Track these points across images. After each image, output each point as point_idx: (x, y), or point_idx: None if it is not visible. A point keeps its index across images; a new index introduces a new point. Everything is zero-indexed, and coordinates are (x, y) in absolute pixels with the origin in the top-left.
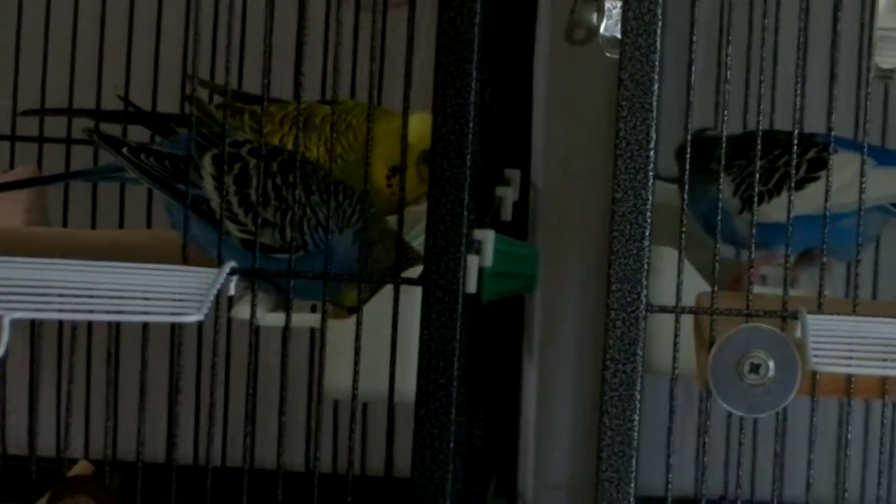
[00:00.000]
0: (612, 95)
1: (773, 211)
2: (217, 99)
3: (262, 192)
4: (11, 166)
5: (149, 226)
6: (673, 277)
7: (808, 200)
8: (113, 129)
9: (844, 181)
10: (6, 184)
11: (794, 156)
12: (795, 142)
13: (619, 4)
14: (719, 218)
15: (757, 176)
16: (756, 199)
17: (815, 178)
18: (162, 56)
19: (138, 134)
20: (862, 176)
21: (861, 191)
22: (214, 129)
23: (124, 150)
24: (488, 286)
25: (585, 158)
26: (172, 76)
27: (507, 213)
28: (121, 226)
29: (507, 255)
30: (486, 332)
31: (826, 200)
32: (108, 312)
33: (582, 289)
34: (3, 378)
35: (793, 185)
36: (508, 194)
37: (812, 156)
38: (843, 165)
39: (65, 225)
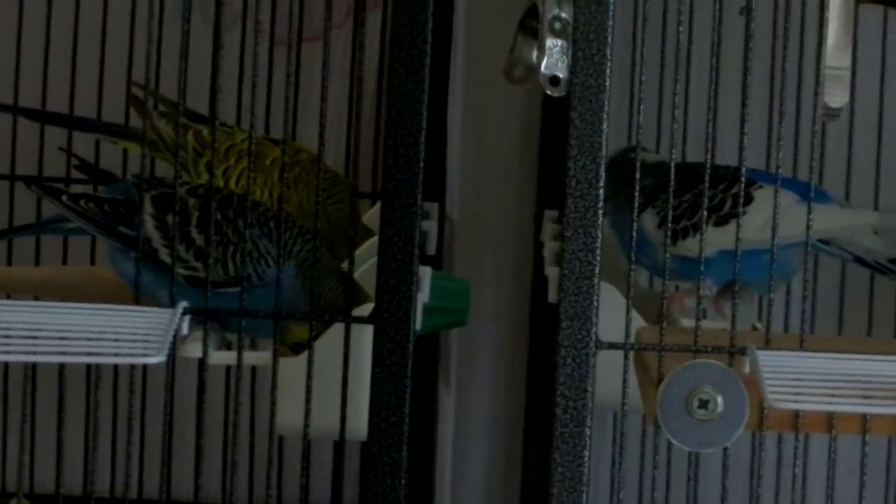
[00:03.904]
0: (523, 127)
1: (697, 245)
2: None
3: (205, 229)
4: None
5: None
6: (607, 312)
7: (732, 235)
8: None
9: (768, 216)
10: None
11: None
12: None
13: (560, 42)
14: (667, 256)
15: (673, 210)
16: (682, 232)
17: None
18: (106, 65)
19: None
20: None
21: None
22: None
23: (64, 197)
24: (424, 322)
25: (499, 190)
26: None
27: (431, 248)
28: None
29: (440, 290)
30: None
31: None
32: (79, 354)
33: (497, 319)
34: None
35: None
36: (432, 228)
37: (737, 191)
38: (768, 200)
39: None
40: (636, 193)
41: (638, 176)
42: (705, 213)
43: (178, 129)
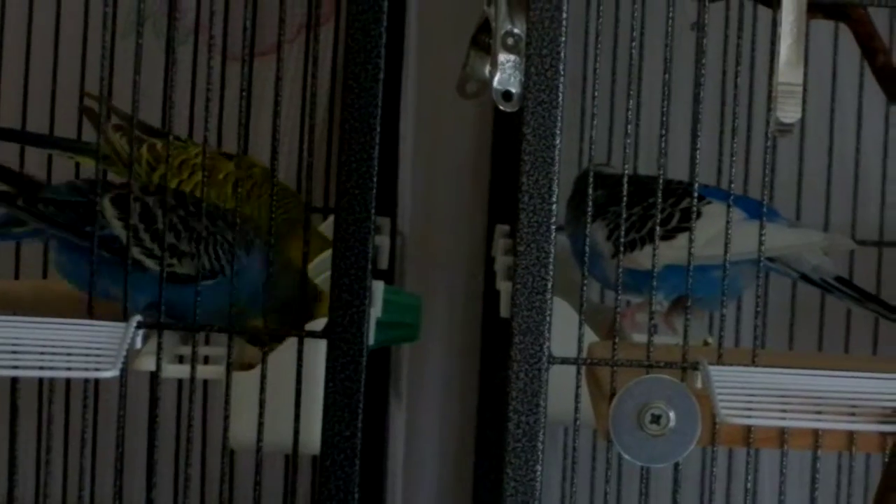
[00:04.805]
0: (475, 142)
1: (645, 258)
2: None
3: (172, 225)
4: None
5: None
6: (559, 327)
7: (679, 250)
8: None
9: (715, 232)
10: None
11: (659, 203)
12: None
13: (513, 58)
14: (619, 270)
15: (624, 222)
16: (629, 245)
17: (687, 229)
18: (59, 80)
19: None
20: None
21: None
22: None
23: (19, 202)
24: (377, 336)
25: (451, 205)
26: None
27: (383, 262)
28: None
29: (392, 305)
30: None
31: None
32: (31, 368)
33: (449, 334)
34: None
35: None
36: (384, 243)
37: (686, 205)
38: (716, 217)
39: None
40: (589, 207)
41: (591, 190)
42: (658, 227)
43: (133, 142)
